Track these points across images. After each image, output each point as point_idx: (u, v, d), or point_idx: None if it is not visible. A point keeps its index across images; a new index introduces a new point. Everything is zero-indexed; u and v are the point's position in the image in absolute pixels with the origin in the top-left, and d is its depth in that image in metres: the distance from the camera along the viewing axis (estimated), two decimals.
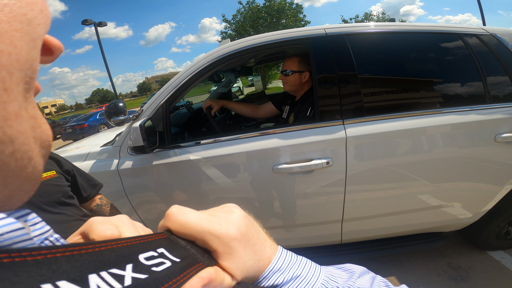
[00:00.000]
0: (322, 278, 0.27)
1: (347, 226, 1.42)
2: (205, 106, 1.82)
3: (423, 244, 1.53)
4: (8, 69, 0.14)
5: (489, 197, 1.39)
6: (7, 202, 0.16)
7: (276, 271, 0.27)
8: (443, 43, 1.36)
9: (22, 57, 0.15)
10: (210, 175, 1.33)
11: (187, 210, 0.24)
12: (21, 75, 0.15)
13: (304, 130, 1.30)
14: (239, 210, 0.27)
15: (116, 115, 1.33)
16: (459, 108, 1.28)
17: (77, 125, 11.65)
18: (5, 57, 0.14)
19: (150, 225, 1.46)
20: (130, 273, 0.16)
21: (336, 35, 1.34)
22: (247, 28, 17.11)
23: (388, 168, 1.29)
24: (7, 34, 0.14)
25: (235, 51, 1.37)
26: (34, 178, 0.17)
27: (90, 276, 0.14)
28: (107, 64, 13.11)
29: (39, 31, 0.16)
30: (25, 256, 0.13)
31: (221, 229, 0.24)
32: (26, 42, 0.15)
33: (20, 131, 0.15)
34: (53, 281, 0.12)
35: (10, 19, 0.14)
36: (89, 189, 0.98)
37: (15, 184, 0.16)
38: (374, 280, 0.29)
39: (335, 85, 1.29)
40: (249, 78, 13.50)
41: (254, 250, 0.26)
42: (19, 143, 0.15)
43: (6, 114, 0.14)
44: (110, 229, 0.21)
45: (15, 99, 0.15)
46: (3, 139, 0.14)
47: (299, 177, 1.30)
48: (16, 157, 0.15)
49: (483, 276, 1.54)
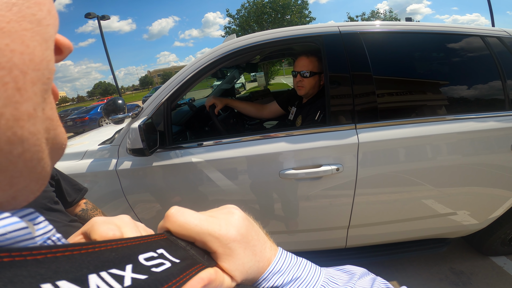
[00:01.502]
0: (322, 280, 0.27)
1: (353, 232, 1.38)
2: (208, 104, 1.75)
3: (428, 249, 1.51)
4: (21, 68, 0.14)
5: (498, 203, 1.36)
6: (12, 201, 0.16)
7: (276, 272, 0.26)
8: (464, 45, 1.31)
9: (36, 57, 0.15)
10: (213, 178, 1.27)
11: (186, 211, 0.24)
12: (37, 75, 0.15)
13: (314, 134, 1.24)
14: (239, 211, 0.27)
15: (115, 113, 1.27)
16: (477, 114, 1.25)
17: (78, 118, 11.62)
18: (17, 56, 0.14)
19: (147, 225, 1.40)
20: (130, 274, 0.16)
21: (350, 33, 1.27)
22: (251, 23, 17.00)
23: (400, 175, 1.25)
24: (17, 33, 0.14)
25: (243, 47, 1.30)
26: (41, 179, 0.17)
27: (90, 276, 0.14)
28: (109, 57, 13.12)
29: (49, 31, 0.16)
30: (25, 255, 0.13)
31: (221, 230, 0.24)
32: (38, 42, 0.15)
33: (33, 132, 0.15)
34: (53, 280, 0.12)
35: (19, 18, 0.14)
36: (73, 193, 0.94)
37: (21, 185, 0.15)
38: (374, 282, 0.29)
39: (349, 86, 1.23)
40: (251, 74, 13.43)
41: (253, 252, 0.26)
42: (30, 144, 0.15)
43: (18, 114, 0.14)
44: (112, 230, 0.21)
45: (30, 99, 0.14)
46: (13, 139, 0.14)
47: (306, 183, 1.25)
48: (25, 158, 0.15)
49: (485, 282, 1.53)
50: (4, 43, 0.13)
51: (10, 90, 0.13)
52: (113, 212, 1.38)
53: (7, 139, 0.14)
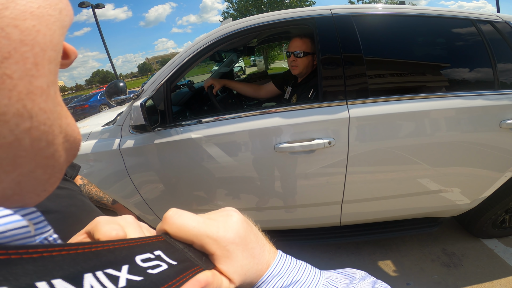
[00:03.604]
0: (322, 283, 0.27)
1: (346, 208, 1.44)
2: (206, 85, 1.80)
3: (420, 229, 1.55)
4: (42, 46, 0.15)
5: (488, 183, 1.39)
6: (17, 189, 0.15)
7: (275, 275, 0.26)
8: (455, 29, 1.33)
9: (55, 39, 0.16)
10: (211, 153, 1.33)
11: (185, 213, 0.24)
12: (54, 55, 0.16)
13: (307, 109, 1.29)
14: (237, 213, 0.27)
15: (117, 95, 1.32)
16: (466, 93, 1.27)
17: (78, 105, 11.64)
18: (41, 36, 0.15)
19: (152, 204, 1.48)
20: (125, 275, 0.16)
21: (342, 16, 1.30)
22: (249, 8, 16.60)
23: (390, 150, 1.28)
24: (44, 17, 0.15)
25: (237, 30, 1.34)
26: (50, 167, 0.17)
27: (85, 275, 0.14)
28: (106, 45, 12.90)
29: (66, 20, 0.17)
30: (22, 253, 0.13)
31: (219, 232, 0.24)
32: (58, 27, 0.16)
33: (43, 108, 0.15)
34: (49, 279, 0.12)
35: (46, 5, 0.15)
36: (70, 170, 0.96)
37: (26, 168, 0.15)
38: (375, 285, 0.29)
39: (340, 66, 1.27)
40: (251, 58, 13.26)
41: (252, 254, 0.25)
42: (39, 121, 0.15)
43: (31, 88, 0.14)
44: (115, 230, 0.21)
45: (45, 75, 0.15)
46: (22, 112, 0.14)
47: (300, 156, 1.30)
48: (32, 135, 0.15)
49: (475, 264, 1.57)
50: (32, 24, 0.14)
51: (28, 64, 0.14)
52: (119, 193, 1.45)
53: (16, 111, 0.14)
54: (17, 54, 0.14)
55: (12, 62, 0.13)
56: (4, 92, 0.13)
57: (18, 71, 0.14)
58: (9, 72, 0.13)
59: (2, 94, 0.13)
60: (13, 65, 0.13)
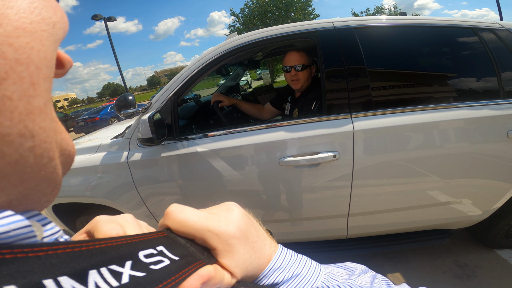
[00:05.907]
0: (322, 277, 0.28)
1: (353, 221, 1.42)
2: (214, 100, 1.83)
3: (430, 241, 1.51)
4: (37, 64, 0.15)
5: (500, 194, 1.36)
6: (23, 201, 0.16)
7: (276, 269, 0.27)
8: (457, 38, 1.33)
9: (49, 55, 0.16)
10: (217, 167, 1.34)
11: (186, 208, 0.24)
12: (48, 72, 0.16)
13: (311, 123, 1.30)
14: (238, 208, 0.27)
15: (126, 108, 1.36)
16: (472, 103, 1.25)
17: (89, 118, 11.89)
18: (35, 53, 0.15)
19: (158, 216, 1.49)
20: (128, 271, 0.16)
21: (344, 28, 1.32)
22: (255, 21, 16.95)
23: (397, 162, 1.27)
24: (37, 33, 0.15)
25: (242, 44, 1.37)
26: (53, 181, 0.17)
27: (90, 272, 0.14)
28: (117, 58, 13.29)
29: (60, 34, 0.17)
30: (27, 252, 0.13)
31: (220, 227, 0.24)
32: (51, 42, 0.16)
33: (43, 127, 0.15)
34: (55, 276, 0.13)
35: (39, 20, 0.15)
36: None
37: (32, 182, 0.16)
38: (374, 279, 0.29)
39: (343, 78, 1.28)
40: (257, 71, 13.43)
41: (253, 248, 0.26)
42: (40, 140, 0.15)
43: (30, 108, 0.14)
44: (115, 229, 0.21)
45: (41, 94, 0.15)
46: (24, 132, 0.14)
47: (305, 170, 1.30)
48: (36, 153, 0.15)
49: (489, 275, 1.51)
50: (25, 41, 0.14)
51: (25, 84, 0.14)
52: (126, 204, 1.47)
53: (19, 131, 0.14)
54: (14, 74, 0.14)
55: (10, 83, 0.13)
56: (6, 114, 0.13)
57: (16, 92, 0.14)
58: (8, 94, 0.13)
59: (4, 116, 0.13)
60: (12, 86, 0.13)
